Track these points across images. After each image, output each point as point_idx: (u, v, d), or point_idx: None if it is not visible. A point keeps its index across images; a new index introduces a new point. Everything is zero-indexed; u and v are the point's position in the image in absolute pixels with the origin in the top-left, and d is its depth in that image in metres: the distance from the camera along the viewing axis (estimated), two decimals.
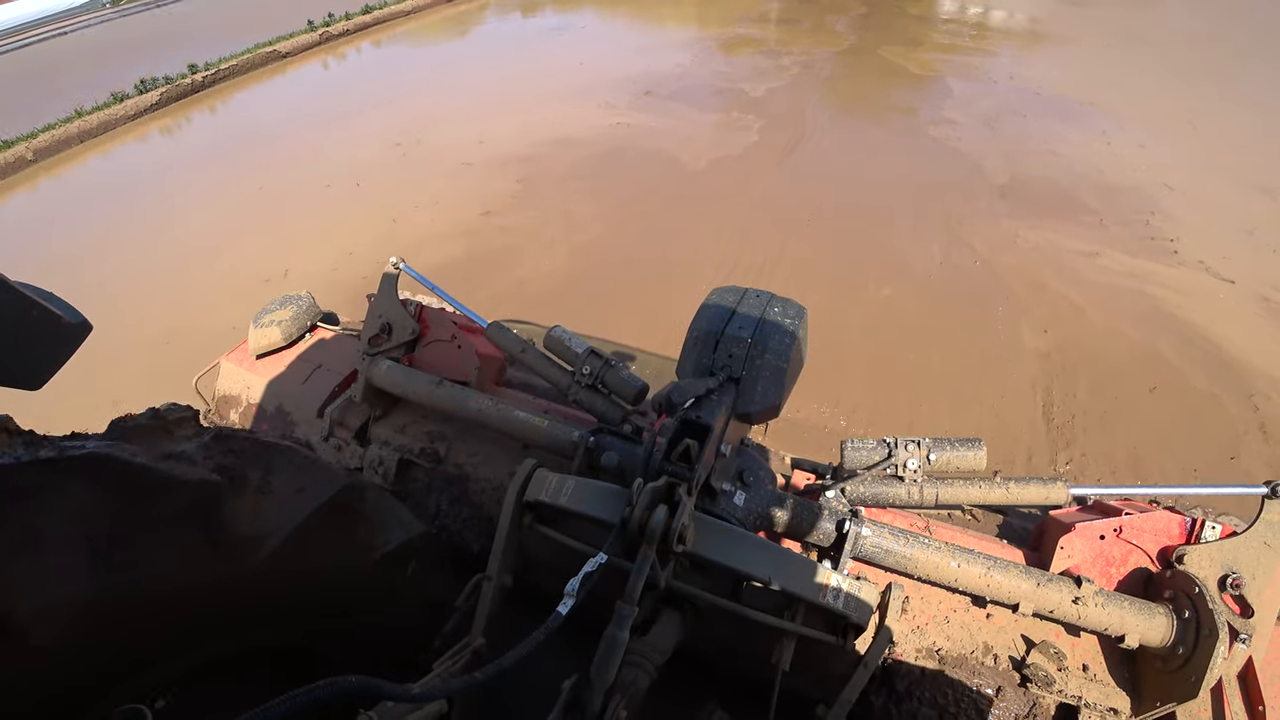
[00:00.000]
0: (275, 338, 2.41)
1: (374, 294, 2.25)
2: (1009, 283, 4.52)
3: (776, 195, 5.96)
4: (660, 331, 3.90)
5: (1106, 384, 3.67)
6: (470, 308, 2.24)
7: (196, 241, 6.02)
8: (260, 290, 5.00)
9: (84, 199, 7.46)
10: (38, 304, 1.03)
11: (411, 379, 2.12)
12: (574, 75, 9.37)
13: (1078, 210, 5.34)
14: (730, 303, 1.61)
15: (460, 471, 2.10)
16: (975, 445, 1.64)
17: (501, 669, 1.08)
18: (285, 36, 12.02)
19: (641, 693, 1.30)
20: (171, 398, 1.53)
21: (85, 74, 11.41)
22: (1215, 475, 3.13)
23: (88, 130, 8.95)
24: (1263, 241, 4.67)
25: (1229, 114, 6.94)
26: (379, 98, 9.37)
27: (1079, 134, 6.64)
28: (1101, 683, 1.54)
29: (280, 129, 8.77)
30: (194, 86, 10.44)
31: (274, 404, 2.35)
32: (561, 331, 1.99)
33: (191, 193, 7.13)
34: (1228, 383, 3.65)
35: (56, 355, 1.08)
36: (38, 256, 6.04)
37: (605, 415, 1.88)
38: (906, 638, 1.64)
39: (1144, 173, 5.81)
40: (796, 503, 1.62)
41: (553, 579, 1.31)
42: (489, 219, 5.88)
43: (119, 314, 4.93)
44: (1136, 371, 3.74)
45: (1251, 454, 3.26)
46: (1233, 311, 4.13)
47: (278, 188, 6.98)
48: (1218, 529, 1.54)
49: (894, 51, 9.59)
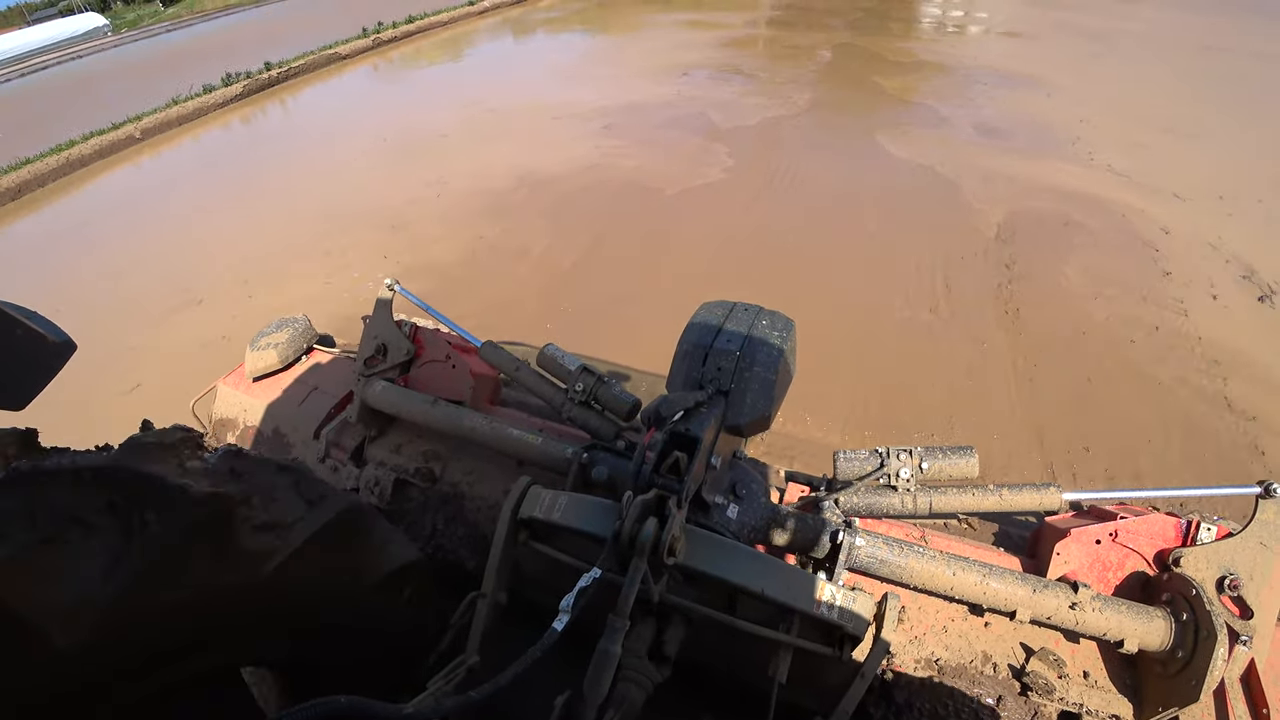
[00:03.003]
0: (272, 360, 2.42)
1: (369, 316, 2.27)
2: (969, 176, 6.72)
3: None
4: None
5: (1036, 227, 5.78)
6: (465, 328, 2.26)
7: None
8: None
9: (208, 163, 9.35)
10: (21, 323, 1.03)
11: (407, 399, 2.13)
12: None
13: (1023, 135, 7.72)
14: (719, 316, 1.63)
15: (455, 490, 2.10)
16: (967, 453, 1.64)
17: (498, 687, 1.07)
18: (344, 41, 14.24)
19: (637, 708, 1.29)
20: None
21: (136, 82, 13.36)
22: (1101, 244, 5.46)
23: (185, 115, 10.87)
24: (1149, 153, 7.14)
25: (1144, 82, 9.37)
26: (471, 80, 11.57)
27: (1025, 93, 9.12)
28: (1103, 689, 1.53)
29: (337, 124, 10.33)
30: (270, 81, 12.38)
31: (271, 426, 2.36)
32: (554, 350, 2.01)
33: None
34: (1113, 219, 5.92)
35: (40, 375, 1.07)
36: (168, 210, 7.77)
37: (599, 431, 1.89)
38: (904, 648, 1.63)
39: (1075, 118, 8.14)
40: (790, 514, 1.62)
41: (548, 595, 1.31)
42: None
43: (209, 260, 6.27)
44: (1057, 216, 5.94)
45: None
46: (1119, 188, 6.42)
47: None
48: (1213, 531, 1.54)
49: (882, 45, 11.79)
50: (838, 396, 3.93)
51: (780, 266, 5.34)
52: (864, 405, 3.89)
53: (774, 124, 8.26)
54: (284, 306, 5.18)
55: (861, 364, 4.19)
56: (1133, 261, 5.16)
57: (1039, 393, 3.93)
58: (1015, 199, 6.18)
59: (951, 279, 5.02)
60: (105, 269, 6.41)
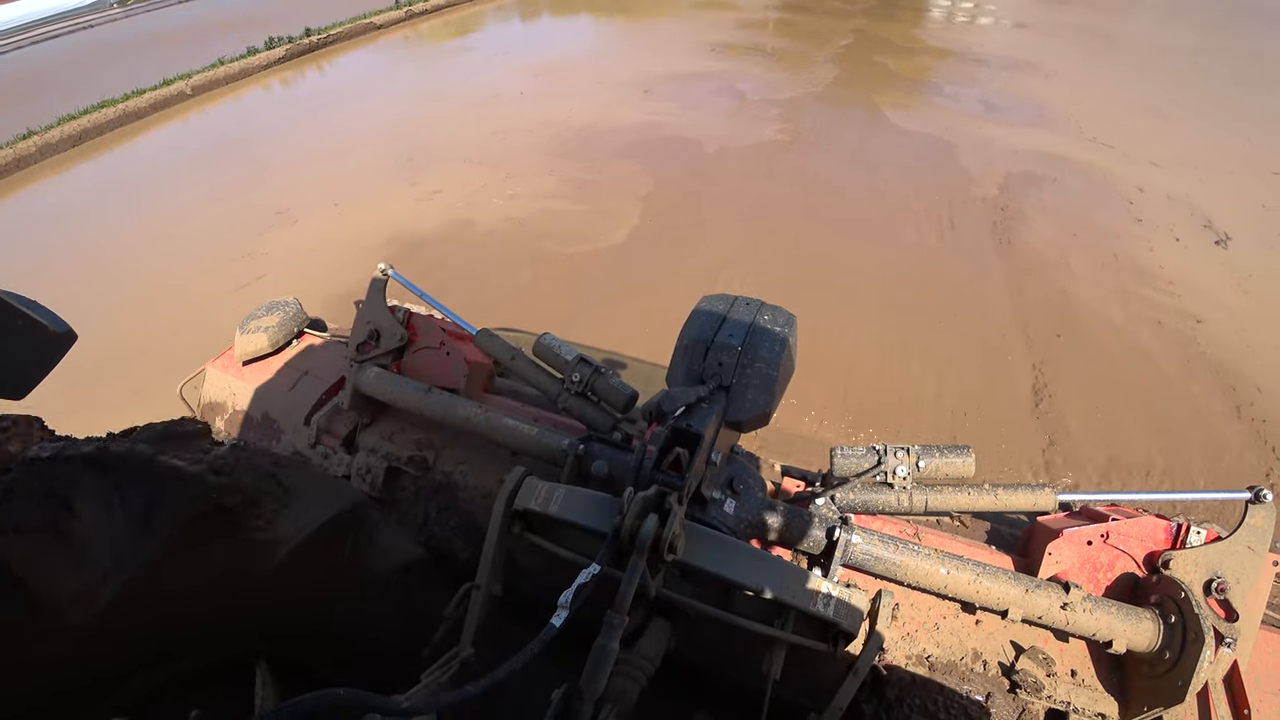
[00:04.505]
0: (262, 344, 2.38)
1: (362, 300, 2.23)
2: (971, 140, 7.73)
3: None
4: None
5: (1028, 182, 6.66)
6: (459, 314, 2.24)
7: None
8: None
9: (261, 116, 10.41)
10: (22, 313, 1.03)
11: (400, 386, 2.10)
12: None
13: (1021, 111, 8.64)
14: (720, 310, 1.61)
15: (449, 479, 2.08)
16: (964, 452, 1.65)
17: (494, 682, 1.06)
18: (379, 11, 15.00)
19: (632, 703, 1.29)
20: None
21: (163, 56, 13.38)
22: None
23: (231, 75, 11.71)
24: (1135, 130, 7.91)
25: (1138, 75, 10.22)
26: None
27: (1026, 77, 10.05)
28: (1090, 688, 1.55)
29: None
30: (310, 46, 13.17)
31: (260, 411, 2.32)
32: (551, 339, 1.98)
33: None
34: (1095, 178, 6.80)
35: (41, 364, 1.08)
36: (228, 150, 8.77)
37: (595, 423, 1.88)
38: (897, 645, 1.64)
39: (1070, 100, 9.00)
40: (786, 510, 1.62)
41: (542, 588, 1.30)
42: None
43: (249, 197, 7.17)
44: (1047, 175, 6.80)
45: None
46: (1103, 156, 7.31)
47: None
48: (1203, 534, 1.56)
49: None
50: (866, 289, 5.10)
51: (808, 208, 6.31)
52: (889, 297, 4.99)
53: (798, 98, 9.20)
54: (376, 222, 6.34)
55: (883, 272, 5.31)
56: (1110, 210, 6.11)
57: (1025, 298, 4.96)
58: (1011, 161, 7.13)
59: (955, 218, 6.05)
60: (205, 195, 7.42)
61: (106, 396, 4.23)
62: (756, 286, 5.12)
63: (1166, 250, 5.50)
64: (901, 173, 6.97)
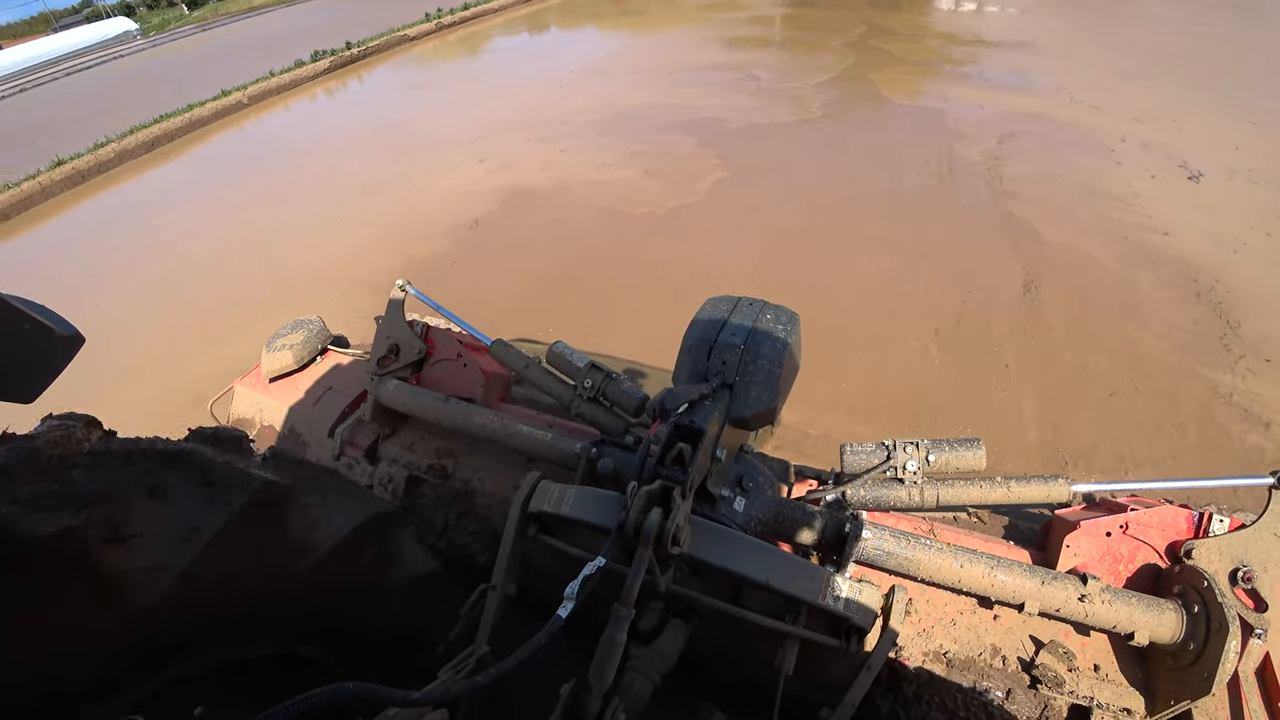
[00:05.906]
0: (287, 361, 2.47)
1: (382, 316, 2.31)
2: (968, 104, 8.51)
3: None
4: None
5: (1020, 136, 7.46)
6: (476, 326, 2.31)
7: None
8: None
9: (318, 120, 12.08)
10: (30, 317, 1.04)
11: (419, 397, 2.16)
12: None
13: (1015, 80, 9.41)
14: (723, 311, 1.64)
15: (467, 486, 2.13)
16: (974, 445, 1.64)
17: (503, 672, 1.09)
18: (411, 24, 16.90)
19: (644, 699, 1.31)
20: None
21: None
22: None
23: (283, 85, 13.53)
24: (1120, 94, 8.46)
25: (1130, 50, 10.52)
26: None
27: (1019, 52, 10.84)
28: (1114, 682, 1.51)
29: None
30: (352, 58, 14.91)
31: (287, 426, 2.41)
32: (563, 347, 2.03)
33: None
34: (1080, 131, 7.53)
35: (50, 368, 1.09)
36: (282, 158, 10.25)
37: (607, 427, 1.91)
38: (913, 641, 1.63)
39: (1060, 69, 9.66)
40: (796, 507, 1.62)
41: (557, 588, 1.33)
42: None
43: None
44: (1036, 131, 7.57)
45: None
46: (1089, 115, 7.93)
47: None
48: (1226, 522, 1.52)
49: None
50: (877, 220, 5.96)
51: (833, 164, 7.21)
52: (898, 225, 5.81)
53: (813, 82, 9.95)
54: (450, 187, 7.69)
55: (893, 207, 6.16)
56: (1092, 156, 6.86)
57: (1015, 221, 5.76)
58: (1004, 120, 7.94)
59: (953, 164, 6.89)
60: (323, 170, 9.10)
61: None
62: (804, 214, 6.20)
63: (1143, 185, 6.17)
64: (903, 129, 7.92)
